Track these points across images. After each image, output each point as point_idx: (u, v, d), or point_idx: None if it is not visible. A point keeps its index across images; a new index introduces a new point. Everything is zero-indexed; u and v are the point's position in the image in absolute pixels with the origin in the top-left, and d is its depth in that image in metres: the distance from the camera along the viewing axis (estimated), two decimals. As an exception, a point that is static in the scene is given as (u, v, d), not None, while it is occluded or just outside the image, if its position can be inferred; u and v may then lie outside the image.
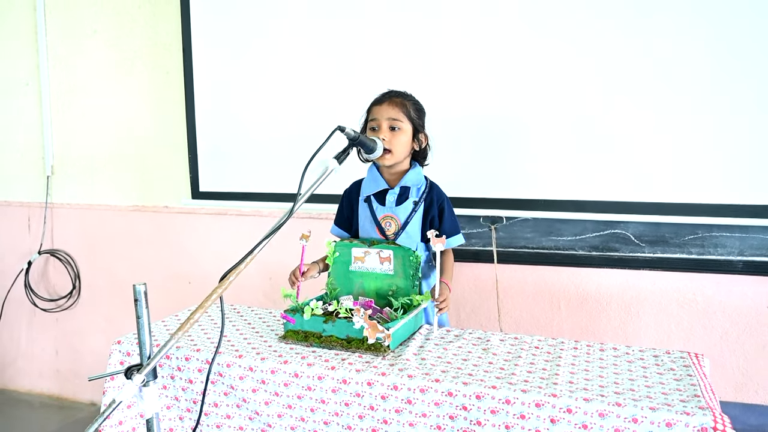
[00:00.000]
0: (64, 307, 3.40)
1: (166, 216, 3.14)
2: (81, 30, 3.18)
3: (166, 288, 3.09)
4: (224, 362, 1.64)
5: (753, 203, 2.18)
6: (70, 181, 3.32)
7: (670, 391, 1.42)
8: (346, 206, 2.10)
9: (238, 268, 1.30)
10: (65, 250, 3.38)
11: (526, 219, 2.47)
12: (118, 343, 1.80)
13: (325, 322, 1.72)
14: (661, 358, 1.63)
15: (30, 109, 3.34)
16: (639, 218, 2.32)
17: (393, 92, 1.99)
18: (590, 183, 2.35)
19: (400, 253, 1.86)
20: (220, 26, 2.83)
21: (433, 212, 1.98)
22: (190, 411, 1.72)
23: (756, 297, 2.27)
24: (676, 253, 2.32)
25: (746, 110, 2.16)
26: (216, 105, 2.89)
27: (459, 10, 2.43)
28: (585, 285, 2.47)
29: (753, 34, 2.13)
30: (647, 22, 2.22)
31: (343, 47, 2.62)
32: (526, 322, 2.56)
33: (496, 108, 2.43)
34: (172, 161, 3.07)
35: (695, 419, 1.27)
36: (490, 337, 1.78)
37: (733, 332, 2.31)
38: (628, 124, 2.28)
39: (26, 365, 3.56)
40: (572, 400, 1.36)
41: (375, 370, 1.54)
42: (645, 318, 2.40)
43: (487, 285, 2.57)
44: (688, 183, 2.24)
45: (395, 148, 1.91)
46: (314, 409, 1.56)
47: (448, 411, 1.45)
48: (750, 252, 2.23)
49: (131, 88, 3.12)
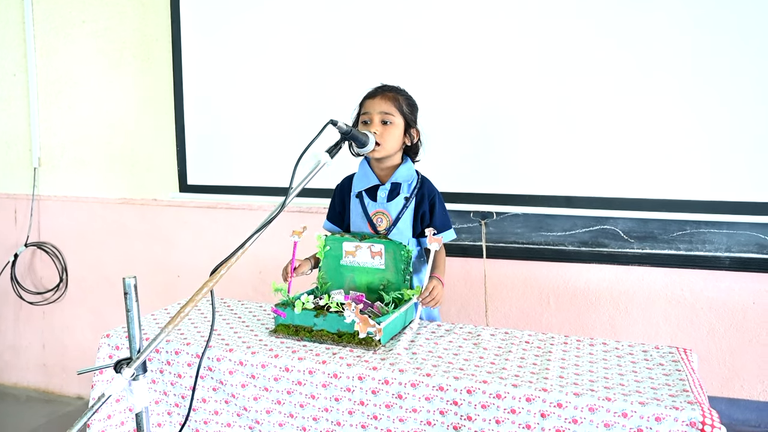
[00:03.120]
0: (51, 300, 3.37)
1: (155, 209, 3.12)
2: (69, 20, 3.15)
3: (154, 281, 3.07)
4: (214, 356, 1.63)
5: (740, 200, 2.21)
6: (57, 173, 3.29)
7: (659, 385, 1.43)
8: (338, 202, 2.09)
9: (229, 262, 1.30)
10: (52, 243, 3.35)
11: (516, 214, 2.48)
12: (107, 337, 1.79)
13: (316, 316, 1.71)
14: (650, 353, 1.64)
15: (17, 100, 3.30)
16: (628, 214, 2.33)
17: (386, 86, 1.98)
18: (580, 179, 2.36)
19: (392, 248, 1.85)
20: (209, 18, 2.81)
21: (424, 207, 1.97)
22: (179, 406, 1.71)
23: (743, 293, 2.30)
24: (664, 249, 2.33)
25: (735, 108, 2.18)
26: (205, 97, 2.87)
27: (450, 6, 2.43)
28: (574, 280, 2.48)
29: (741, 32, 2.14)
30: (638, 19, 2.23)
31: (335, 41, 2.61)
32: (515, 317, 2.57)
33: (487, 104, 2.43)
34: (160, 154, 3.05)
35: (684, 414, 1.28)
36: (481, 332, 1.78)
37: (720, 327, 2.33)
38: (617, 120, 2.29)
39: (13, 359, 3.53)
40: (562, 394, 1.37)
41: (366, 364, 1.54)
42: (633, 313, 2.42)
43: (477, 280, 2.58)
44: (677, 180, 2.26)
45: (386, 142, 1.90)
46: (303, 404, 1.56)
47: (438, 406, 1.45)
48: (737, 248, 2.26)
49: (120, 80, 3.10)
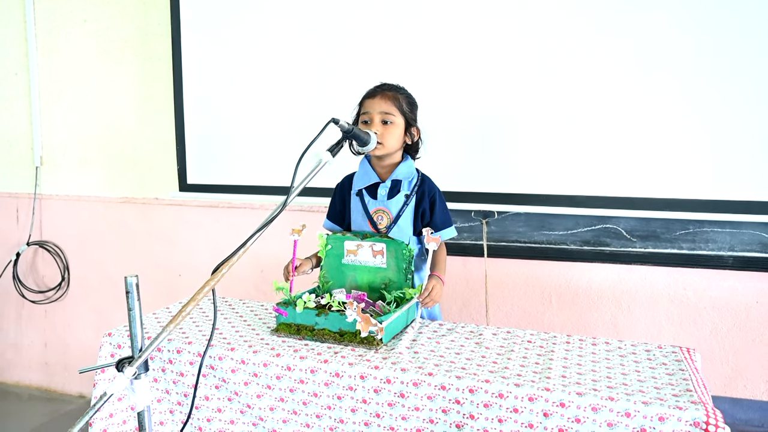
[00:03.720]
0: (53, 299, 3.38)
1: (157, 208, 3.12)
2: (70, 19, 3.15)
3: (156, 280, 3.07)
4: (216, 355, 1.63)
5: (744, 199, 2.20)
6: (59, 171, 3.29)
7: (663, 385, 1.43)
8: (339, 200, 2.08)
9: (230, 261, 1.29)
10: (54, 242, 3.35)
11: (517, 213, 2.47)
12: (109, 336, 1.78)
13: (318, 315, 1.71)
14: (653, 353, 1.63)
15: (19, 99, 3.30)
16: (630, 213, 2.32)
17: (385, 85, 1.98)
18: (582, 178, 2.35)
19: (393, 247, 1.85)
20: (210, 16, 2.81)
21: (424, 205, 1.97)
22: (181, 404, 1.71)
23: (746, 292, 2.29)
24: (667, 248, 2.33)
25: (737, 107, 2.17)
26: (205, 96, 2.87)
27: (452, 5, 2.42)
28: (576, 279, 2.47)
29: (743, 31, 2.13)
30: (638, 18, 2.22)
31: (336, 40, 2.60)
32: (517, 316, 2.56)
33: (489, 102, 2.42)
34: (161, 153, 3.05)
35: (687, 414, 1.27)
36: (483, 331, 1.78)
37: (723, 327, 2.33)
38: (619, 119, 2.28)
39: (15, 357, 3.53)
40: (565, 394, 1.37)
41: (368, 363, 1.53)
42: (636, 312, 2.41)
43: (478, 279, 2.57)
44: (680, 179, 2.25)
45: (387, 141, 1.90)
46: (307, 402, 1.56)
47: (441, 405, 1.44)
48: (740, 247, 2.25)
49: (121, 79, 3.10)
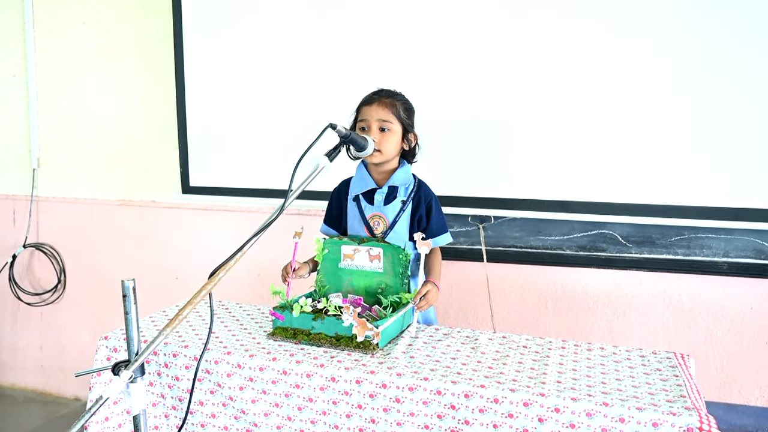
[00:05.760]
0: (49, 301, 3.37)
1: (154, 211, 3.12)
2: (69, 21, 3.15)
3: (152, 284, 3.07)
4: (212, 359, 1.63)
5: (738, 206, 2.20)
6: (56, 173, 3.29)
7: (657, 391, 1.43)
8: (335, 205, 2.09)
9: (227, 264, 1.30)
10: (50, 244, 3.35)
11: (514, 218, 2.48)
12: (105, 339, 1.78)
13: (314, 319, 1.71)
14: (648, 359, 1.64)
15: (16, 100, 3.30)
16: (626, 219, 2.33)
17: (383, 92, 1.98)
18: (578, 184, 2.36)
19: (390, 251, 1.85)
20: (211, 19, 2.81)
21: (421, 211, 1.98)
22: (176, 409, 1.71)
23: (740, 298, 2.30)
24: (662, 253, 2.33)
25: (733, 114, 2.18)
26: (207, 99, 2.87)
27: (448, 10, 2.43)
28: (572, 284, 2.48)
29: (741, 38, 2.14)
30: (635, 25, 2.23)
31: (335, 45, 2.61)
32: (513, 321, 2.57)
33: (486, 107, 2.43)
34: (160, 156, 3.05)
35: (681, 419, 1.28)
36: (479, 336, 1.78)
37: (718, 333, 2.33)
38: (615, 125, 2.29)
39: (10, 360, 3.52)
40: (560, 399, 1.37)
41: (364, 368, 1.54)
42: (631, 318, 2.42)
43: (474, 283, 2.58)
44: (675, 185, 2.26)
45: (385, 148, 1.91)
46: (301, 407, 1.56)
47: (436, 410, 1.45)
48: (735, 253, 2.26)
49: (120, 81, 3.10)
